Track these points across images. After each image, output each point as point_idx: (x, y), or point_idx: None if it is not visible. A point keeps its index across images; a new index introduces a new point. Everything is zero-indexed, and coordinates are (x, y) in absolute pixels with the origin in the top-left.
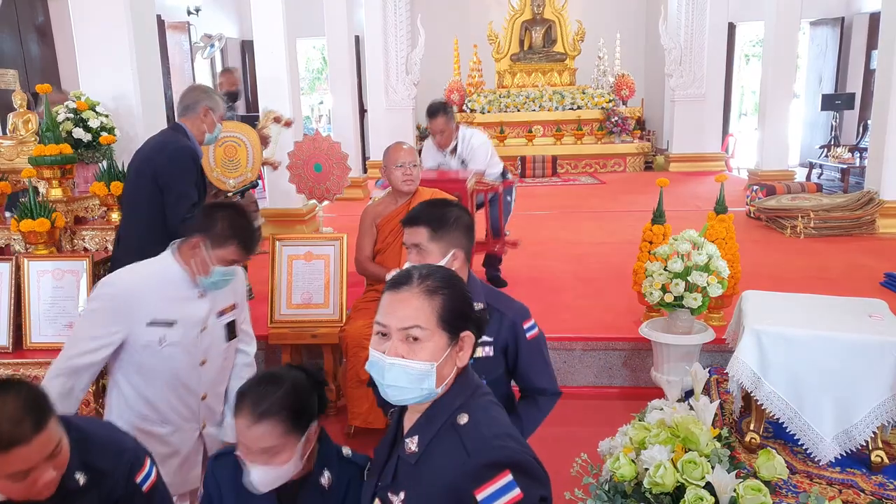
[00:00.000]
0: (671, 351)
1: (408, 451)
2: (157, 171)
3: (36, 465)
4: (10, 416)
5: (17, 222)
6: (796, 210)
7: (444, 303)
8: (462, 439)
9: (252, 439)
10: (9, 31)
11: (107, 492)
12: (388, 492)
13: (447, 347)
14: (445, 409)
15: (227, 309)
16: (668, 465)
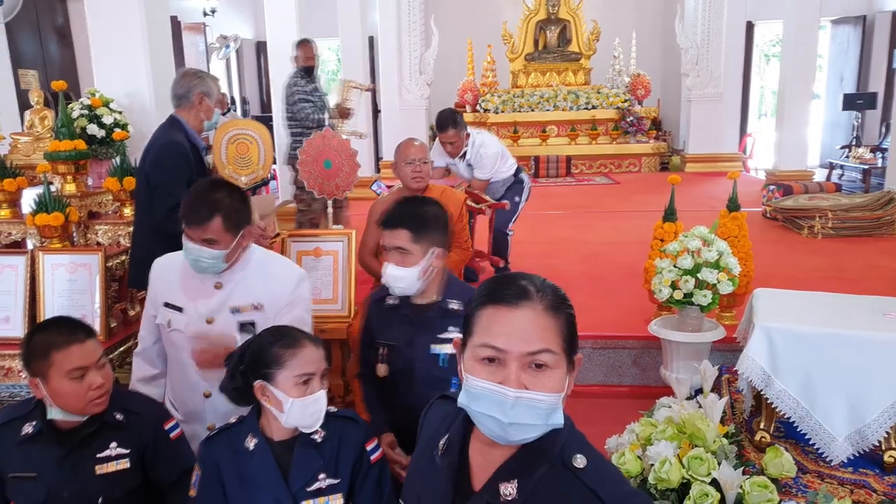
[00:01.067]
0: (681, 349)
1: (503, 499)
2: (147, 169)
3: (89, 367)
4: (69, 324)
5: (33, 216)
6: (814, 210)
7: (567, 322)
8: (590, 486)
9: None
10: (29, 32)
11: (139, 431)
12: None
13: (567, 374)
14: (548, 446)
15: (244, 307)
16: (674, 460)
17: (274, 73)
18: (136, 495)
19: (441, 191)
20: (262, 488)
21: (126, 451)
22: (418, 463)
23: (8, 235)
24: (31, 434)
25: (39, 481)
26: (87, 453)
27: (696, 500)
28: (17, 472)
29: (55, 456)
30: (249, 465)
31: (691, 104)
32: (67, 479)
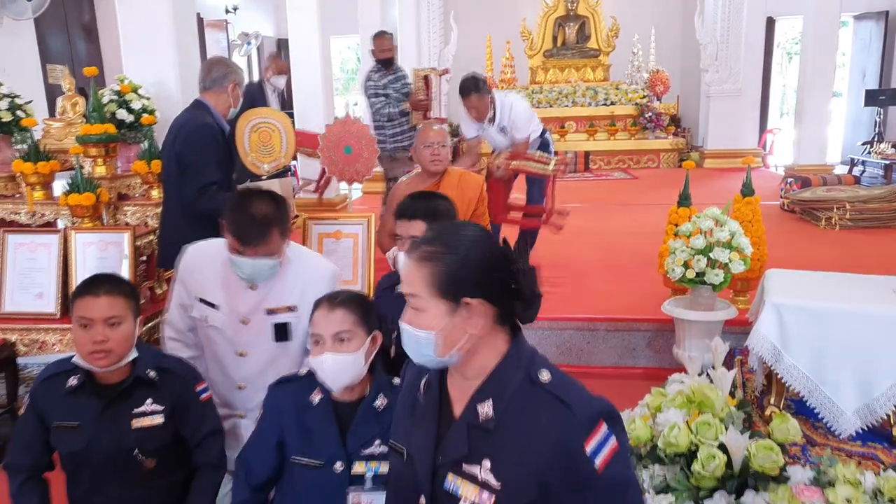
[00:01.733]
0: (693, 327)
1: (482, 418)
2: (179, 150)
3: (95, 320)
4: (99, 278)
5: (66, 197)
6: (831, 201)
7: (436, 270)
8: (555, 394)
9: (329, 324)
10: (58, 29)
11: (171, 389)
12: (462, 464)
13: (447, 316)
14: (513, 370)
15: (279, 309)
16: (683, 426)
17: (296, 69)
18: (168, 450)
19: (459, 175)
20: (320, 442)
21: (160, 407)
22: (403, 408)
23: (41, 216)
24: (75, 386)
25: (80, 431)
26: (125, 407)
27: (704, 462)
28: (61, 422)
29: (95, 408)
30: (311, 418)
31: (710, 100)
32: (105, 430)
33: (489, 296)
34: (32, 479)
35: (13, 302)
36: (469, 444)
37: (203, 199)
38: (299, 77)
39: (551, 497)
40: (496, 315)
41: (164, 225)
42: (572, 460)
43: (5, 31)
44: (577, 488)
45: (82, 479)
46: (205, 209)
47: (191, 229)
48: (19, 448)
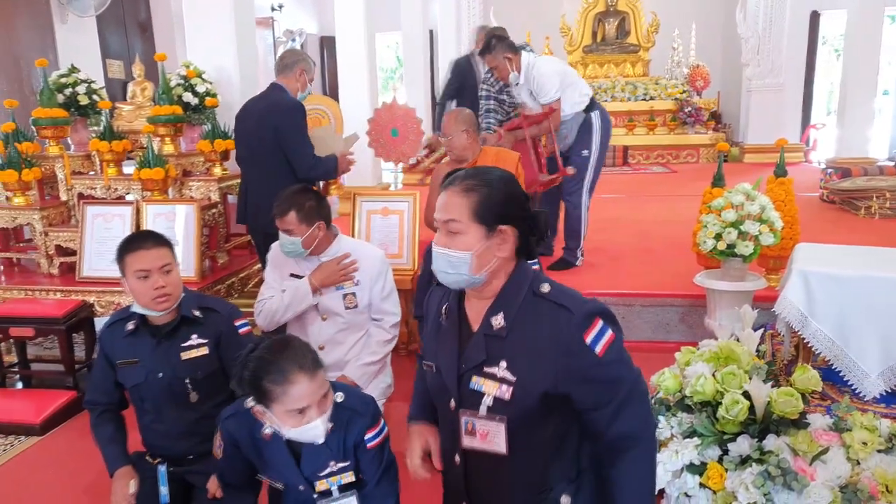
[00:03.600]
0: (723, 298)
1: (496, 328)
2: (278, 127)
3: (152, 270)
4: (143, 234)
5: (138, 171)
6: (871, 190)
7: (477, 199)
8: (557, 301)
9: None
10: (115, 27)
11: (215, 324)
12: (483, 367)
13: (483, 240)
14: (518, 287)
15: (346, 283)
16: (709, 376)
17: (342, 65)
18: (214, 377)
19: (496, 152)
20: (279, 470)
21: (205, 340)
22: (430, 333)
23: (115, 190)
24: (132, 329)
25: (140, 366)
26: (174, 343)
27: (728, 407)
28: (124, 359)
29: (150, 345)
30: (265, 450)
31: (751, 94)
32: (160, 363)
33: (517, 226)
34: (107, 412)
35: (91, 267)
36: (486, 350)
37: (317, 168)
38: (345, 74)
39: (561, 385)
40: (516, 245)
41: (251, 189)
42: (575, 351)
43: (70, 28)
44: (583, 375)
45: (146, 408)
46: (317, 176)
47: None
48: (95, 387)
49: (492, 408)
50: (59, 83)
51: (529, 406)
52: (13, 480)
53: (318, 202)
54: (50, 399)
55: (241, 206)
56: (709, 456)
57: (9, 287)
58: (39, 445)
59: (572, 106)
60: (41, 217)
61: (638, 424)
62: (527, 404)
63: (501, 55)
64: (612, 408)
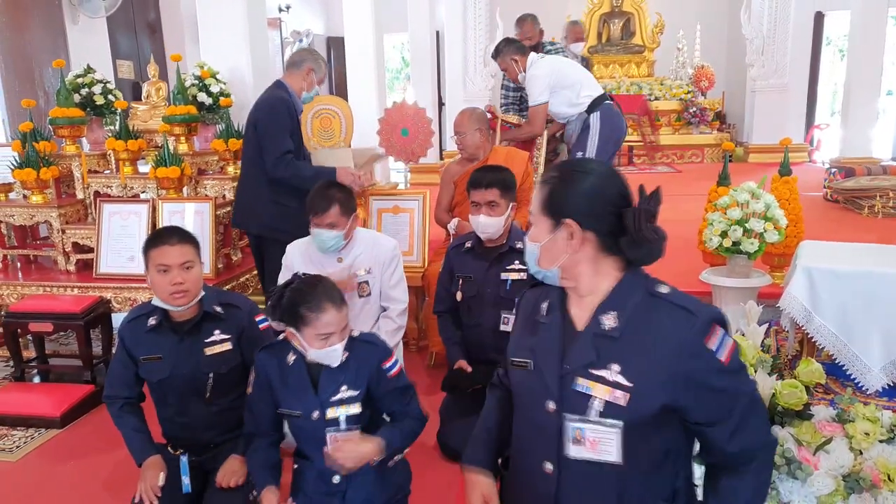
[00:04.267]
0: (729, 294)
1: (607, 328)
2: (257, 122)
3: (172, 266)
4: (168, 230)
5: (154, 169)
6: (874, 190)
7: (548, 192)
8: (675, 302)
9: (341, 320)
10: (126, 28)
11: (236, 320)
12: (591, 368)
13: (550, 232)
14: (632, 286)
15: (360, 272)
16: None
17: (351, 67)
18: (237, 371)
19: (506, 152)
20: (298, 395)
21: (228, 336)
22: (522, 330)
23: (130, 189)
24: (154, 325)
25: (164, 362)
26: (198, 339)
27: None
28: (147, 355)
29: (173, 342)
30: (290, 376)
31: (755, 94)
32: (184, 359)
33: (589, 223)
34: (128, 405)
35: (107, 264)
36: (596, 351)
37: (280, 166)
38: (354, 74)
39: (681, 393)
40: (599, 243)
41: (241, 189)
42: (699, 357)
43: (81, 29)
44: (706, 382)
45: (169, 401)
46: (282, 176)
47: (267, 194)
48: (114, 382)
49: (603, 413)
50: (76, 83)
51: (644, 415)
52: (35, 471)
53: (349, 193)
54: (69, 393)
55: (234, 208)
56: None
57: (27, 283)
58: (59, 438)
59: (570, 107)
60: (58, 215)
61: (760, 438)
62: (642, 413)
63: (509, 57)
64: (733, 421)
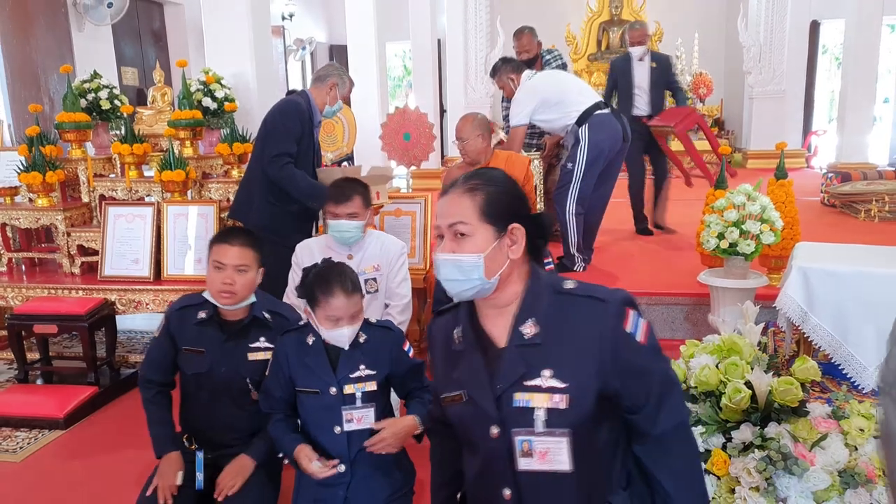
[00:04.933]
0: (726, 295)
1: (529, 336)
2: (266, 121)
3: (227, 265)
4: (234, 231)
5: (160, 173)
6: (871, 194)
7: (484, 199)
8: (586, 294)
9: (350, 307)
10: (131, 36)
11: (282, 330)
12: (525, 382)
13: (494, 240)
14: (540, 289)
15: (369, 269)
16: (712, 366)
17: (353, 73)
18: None
19: (506, 156)
20: (316, 373)
21: (271, 345)
22: (443, 364)
23: (135, 192)
24: (204, 319)
25: (205, 356)
26: (243, 342)
27: (730, 395)
28: (190, 347)
29: (219, 339)
30: (308, 356)
31: (753, 101)
32: (225, 358)
33: (525, 225)
34: (161, 394)
35: (112, 266)
36: (525, 362)
37: (274, 166)
38: (357, 81)
39: (611, 380)
40: (527, 245)
41: (242, 184)
42: (619, 341)
43: (87, 36)
44: (631, 365)
45: (200, 397)
46: (275, 176)
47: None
48: (153, 365)
49: (548, 421)
50: (82, 88)
51: (587, 412)
52: (39, 471)
53: (368, 188)
54: (73, 394)
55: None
56: (713, 443)
57: (32, 286)
58: (63, 438)
59: (559, 121)
60: (64, 218)
61: (679, 418)
62: (584, 410)
63: (506, 76)
64: (653, 401)
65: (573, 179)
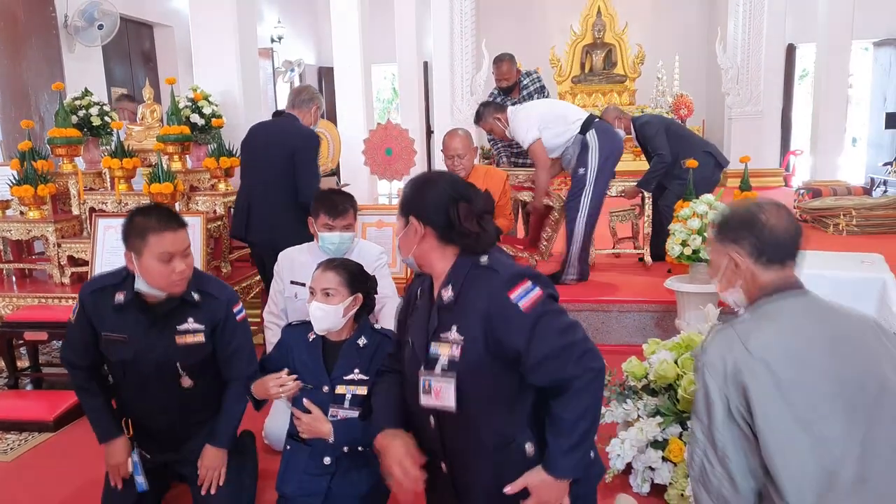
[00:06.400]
0: (691, 299)
1: (446, 299)
2: (297, 150)
3: (176, 254)
4: (167, 213)
5: (149, 185)
6: (839, 209)
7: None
8: (490, 268)
9: (320, 281)
10: (120, 57)
11: (212, 311)
12: (440, 333)
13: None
14: (463, 264)
15: None
16: (671, 361)
17: (340, 95)
18: (207, 364)
19: (484, 171)
20: (311, 369)
21: (201, 327)
22: (404, 315)
23: (125, 205)
24: (123, 302)
25: (128, 343)
26: (169, 324)
27: (686, 387)
28: (109, 333)
29: (143, 324)
30: (305, 352)
31: (732, 122)
32: (152, 344)
33: (427, 219)
34: (92, 377)
35: None
36: (439, 319)
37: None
38: (343, 103)
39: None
40: (438, 235)
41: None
42: (503, 307)
43: (77, 57)
44: (510, 326)
45: (129, 384)
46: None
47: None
48: (72, 346)
49: (446, 368)
50: (74, 105)
51: (476, 361)
52: (29, 471)
53: (353, 198)
54: (62, 399)
55: (240, 222)
56: (670, 433)
57: (22, 295)
58: (53, 441)
59: (561, 136)
60: (55, 229)
61: (576, 370)
62: (473, 359)
63: (491, 118)
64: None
65: (586, 183)
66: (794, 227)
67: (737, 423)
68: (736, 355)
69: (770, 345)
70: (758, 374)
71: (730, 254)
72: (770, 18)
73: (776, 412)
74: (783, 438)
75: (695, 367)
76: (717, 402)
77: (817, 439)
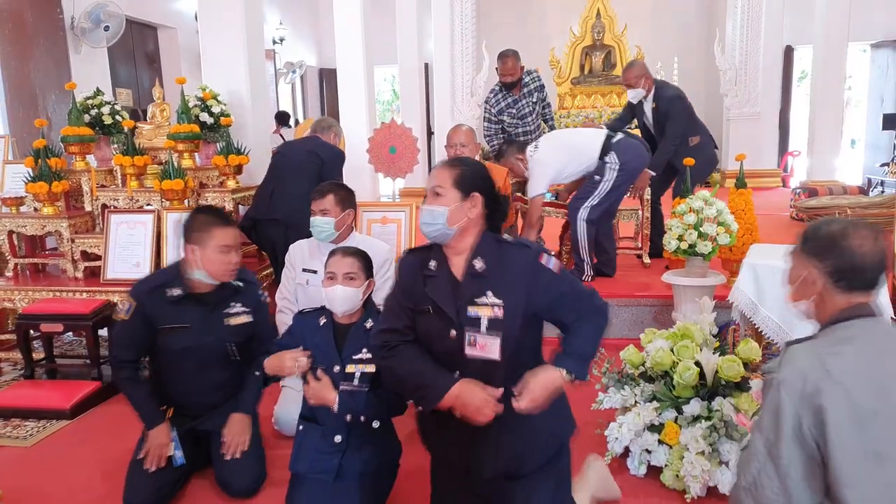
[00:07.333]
0: (687, 292)
1: (479, 270)
2: (325, 162)
3: (234, 246)
4: (224, 213)
5: (160, 182)
6: (834, 208)
7: (460, 173)
8: (518, 243)
9: (342, 266)
10: (125, 58)
11: (252, 296)
12: (475, 298)
13: (459, 201)
14: (489, 240)
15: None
16: (666, 349)
17: (343, 96)
18: (249, 341)
19: (488, 167)
20: (324, 351)
21: (248, 309)
22: (412, 285)
23: (136, 202)
24: (178, 297)
25: (191, 331)
26: (220, 310)
27: (681, 373)
28: (171, 325)
29: (200, 312)
30: (317, 335)
31: (730, 123)
32: (209, 328)
33: (485, 197)
34: (136, 371)
35: (115, 270)
36: (475, 286)
37: None
38: (345, 104)
39: (534, 298)
40: (484, 212)
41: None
42: (538, 270)
43: (83, 59)
44: (547, 286)
45: (186, 369)
46: None
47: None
48: (126, 345)
49: (489, 326)
50: (86, 104)
51: (515, 320)
52: (47, 457)
53: (351, 194)
54: (78, 388)
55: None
56: (666, 417)
57: (38, 288)
58: (69, 428)
59: (578, 172)
60: (68, 225)
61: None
62: (514, 319)
63: (513, 157)
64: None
65: (596, 192)
66: (881, 256)
67: (805, 444)
68: (816, 376)
69: (851, 371)
70: (837, 398)
71: (809, 268)
72: (768, 20)
73: (852, 441)
74: (856, 470)
75: (768, 382)
76: (788, 419)
77: (891, 475)
